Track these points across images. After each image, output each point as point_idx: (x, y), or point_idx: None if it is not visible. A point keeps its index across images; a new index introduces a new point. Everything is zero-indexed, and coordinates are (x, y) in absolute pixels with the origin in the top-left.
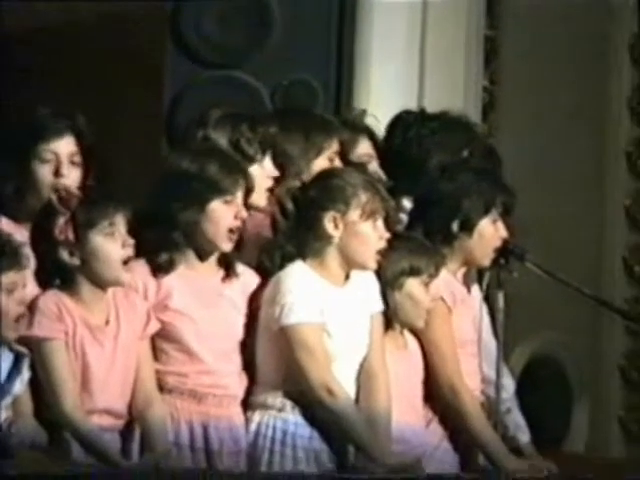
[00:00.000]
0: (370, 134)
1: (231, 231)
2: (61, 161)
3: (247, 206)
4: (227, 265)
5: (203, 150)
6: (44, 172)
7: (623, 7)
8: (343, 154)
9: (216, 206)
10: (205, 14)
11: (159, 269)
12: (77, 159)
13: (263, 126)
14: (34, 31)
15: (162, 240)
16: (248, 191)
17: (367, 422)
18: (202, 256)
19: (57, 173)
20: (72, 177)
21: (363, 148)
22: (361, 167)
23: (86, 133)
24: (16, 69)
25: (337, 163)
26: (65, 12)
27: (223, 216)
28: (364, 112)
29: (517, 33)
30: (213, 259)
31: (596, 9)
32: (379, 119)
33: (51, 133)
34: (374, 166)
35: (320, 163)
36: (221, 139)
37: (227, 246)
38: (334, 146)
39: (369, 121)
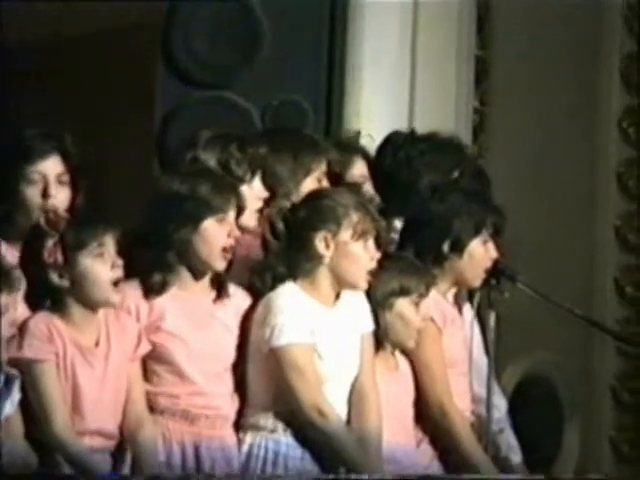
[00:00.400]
0: (365, 155)
1: (225, 250)
2: (49, 182)
3: (238, 226)
4: (219, 286)
5: (193, 171)
6: (32, 194)
7: (614, 29)
8: (334, 174)
9: (209, 225)
10: (195, 34)
11: (152, 290)
12: (65, 179)
13: (252, 147)
14: (23, 50)
15: (155, 261)
16: (239, 210)
17: (358, 442)
18: (196, 276)
19: (45, 194)
20: (60, 197)
21: (358, 169)
22: (355, 187)
23: (73, 153)
24: (5, 85)
25: (325, 183)
26: (53, 34)
27: (216, 235)
28: (359, 133)
29: (508, 54)
30: (206, 280)
31: (586, 31)
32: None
33: (37, 154)
34: (368, 187)
35: (309, 184)
36: (210, 160)
37: (221, 265)
38: (322, 167)
39: (365, 141)
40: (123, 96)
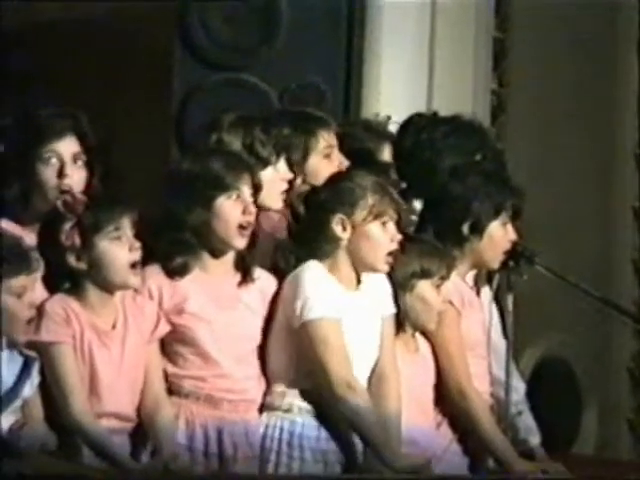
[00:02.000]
0: (393, 141)
1: (241, 227)
2: (64, 161)
3: (259, 206)
4: (244, 270)
5: (204, 151)
6: (48, 173)
7: (632, 8)
8: (364, 153)
9: (222, 203)
10: (213, 16)
11: (174, 273)
12: (81, 159)
13: (276, 128)
14: (41, 32)
15: (175, 244)
16: (256, 188)
17: (378, 425)
18: (217, 255)
19: (61, 174)
20: (76, 177)
21: (387, 155)
22: (386, 167)
23: (88, 133)
24: (21, 69)
25: (336, 157)
26: (71, 13)
27: (231, 212)
28: (389, 118)
29: (526, 35)
30: (230, 262)
31: (604, 11)
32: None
33: (52, 134)
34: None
35: (315, 160)
36: (234, 142)
37: (240, 243)
38: (323, 141)
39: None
40: (141, 78)
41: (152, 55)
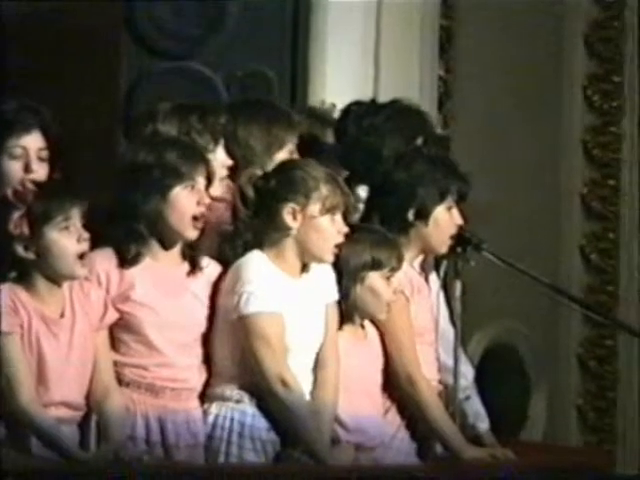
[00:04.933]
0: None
1: (195, 218)
2: (30, 156)
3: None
4: (192, 261)
5: (159, 141)
6: (14, 168)
7: None
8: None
9: (178, 193)
10: (160, 4)
11: (126, 261)
12: (44, 154)
13: (213, 116)
14: None
15: (128, 233)
16: (209, 179)
17: (314, 413)
18: (167, 246)
19: (27, 169)
20: (41, 173)
21: (331, 142)
22: (333, 152)
23: (52, 128)
24: None
25: (295, 156)
26: (15, 3)
27: (186, 203)
28: (334, 106)
29: (472, 22)
30: (177, 250)
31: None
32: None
33: (20, 128)
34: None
35: (281, 156)
36: (171, 132)
37: (192, 234)
38: (295, 140)
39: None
40: (87, 66)
41: (98, 43)
